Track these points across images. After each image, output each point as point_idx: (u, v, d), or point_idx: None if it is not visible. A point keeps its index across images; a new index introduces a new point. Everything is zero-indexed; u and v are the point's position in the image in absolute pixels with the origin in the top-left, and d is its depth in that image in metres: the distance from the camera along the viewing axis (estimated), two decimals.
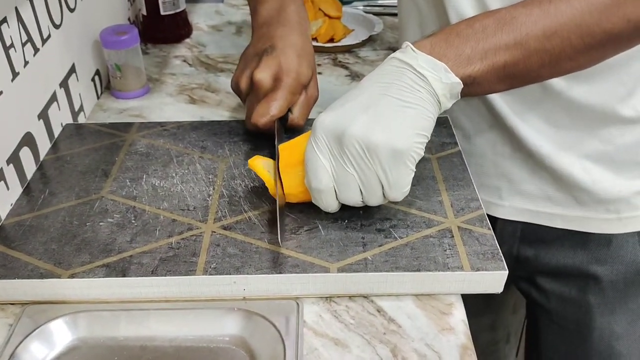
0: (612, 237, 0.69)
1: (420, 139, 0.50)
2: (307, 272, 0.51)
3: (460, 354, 0.48)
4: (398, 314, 0.51)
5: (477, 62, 0.51)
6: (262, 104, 0.64)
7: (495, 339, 1.00)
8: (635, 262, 0.70)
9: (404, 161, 0.50)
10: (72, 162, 0.66)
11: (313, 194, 0.54)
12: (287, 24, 0.68)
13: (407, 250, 0.53)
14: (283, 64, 0.64)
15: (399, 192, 0.52)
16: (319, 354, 0.48)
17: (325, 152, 0.51)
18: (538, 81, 0.58)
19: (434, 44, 0.51)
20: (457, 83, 0.50)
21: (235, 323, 0.50)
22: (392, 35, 1.04)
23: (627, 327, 0.73)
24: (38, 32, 0.67)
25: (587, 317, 0.73)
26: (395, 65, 0.52)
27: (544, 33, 0.51)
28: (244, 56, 0.69)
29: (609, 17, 0.50)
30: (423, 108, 0.50)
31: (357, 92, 0.52)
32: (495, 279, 0.52)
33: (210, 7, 1.16)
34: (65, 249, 0.54)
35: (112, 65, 0.82)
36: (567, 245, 0.71)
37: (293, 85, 0.65)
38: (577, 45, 0.51)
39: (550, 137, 0.66)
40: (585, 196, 0.68)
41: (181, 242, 0.54)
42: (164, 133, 0.71)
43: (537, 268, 0.74)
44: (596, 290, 0.72)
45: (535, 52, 0.51)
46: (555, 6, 0.51)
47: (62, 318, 0.50)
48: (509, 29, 0.51)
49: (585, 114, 0.64)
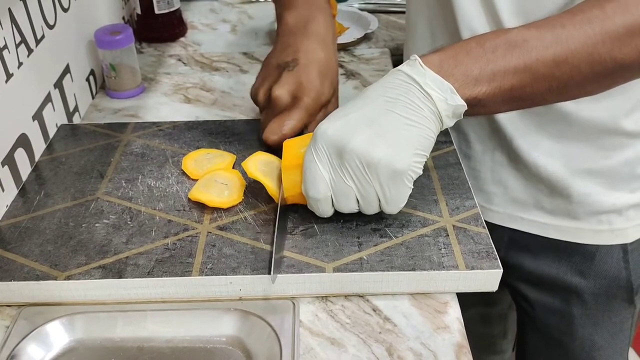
0: (596, 252, 0.69)
1: (420, 158, 0.50)
2: (302, 272, 0.51)
3: (455, 352, 0.48)
4: (393, 313, 0.51)
5: (485, 84, 0.50)
6: (276, 122, 0.62)
7: (491, 333, 1.01)
8: (619, 277, 0.70)
9: (402, 180, 0.50)
10: (68, 163, 0.66)
11: (309, 201, 0.54)
12: (313, 37, 0.65)
13: (402, 249, 0.53)
14: (304, 82, 0.62)
15: (396, 207, 0.52)
16: (315, 353, 0.48)
17: (325, 163, 0.51)
18: (542, 104, 0.57)
19: (442, 60, 0.50)
20: (462, 105, 0.50)
21: (231, 323, 0.51)
22: (387, 33, 1.04)
23: (608, 339, 0.74)
24: (32, 32, 0.67)
25: (570, 327, 0.74)
26: (402, 79, 0.51)
27: (554, 59, 0.49)
28: (266, 64, 0.67)
29: (622, 48, 0.49)
30: (425, 127, 0.50)
31: (361, 102, 0.51)
32: (490, 278, 0.52)
33: (205, 5, 1.16)
34: (61, 250, 0.54)
35: (107, 65, 0.82)
36: (551, 256, 0.71)
37: (311, 105, 0.62)
38: (586, 74, 0.50)
39: (548, 149, 0.65)
40: (578, 207, 0.68)
41: (177, 243, 0.55)
42: (160, 133, 0.71)
43: (522, 276, 0.75)
44: (579, 302, 0.72)
45: (544, 77, 0.50)
46: (567, 32, 0.49)
47: (59, 320, 0.51)
48: (519, 53, 0.50)
49: (587, 127, 0.63)
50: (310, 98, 0.62)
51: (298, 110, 0.62)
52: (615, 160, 0.65)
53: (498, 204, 0.72)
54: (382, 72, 0.91)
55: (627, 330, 0.75)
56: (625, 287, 0.71)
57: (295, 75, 0.63)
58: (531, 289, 0.75)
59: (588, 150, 0.65)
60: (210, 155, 0.65)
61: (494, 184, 0.71)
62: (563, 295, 0.73)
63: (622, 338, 0.75)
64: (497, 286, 0.53)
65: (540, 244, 0.71)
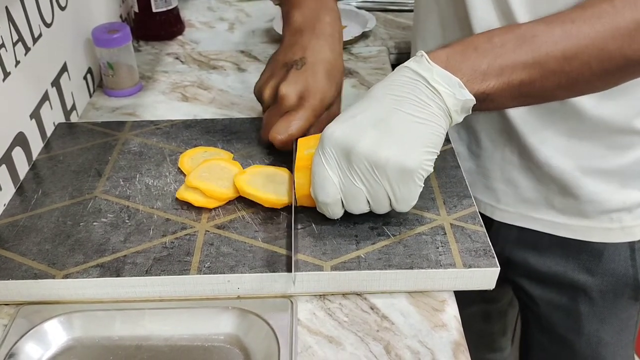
0: (604, 249, 0.69)
1: (430, 155, 0.50)
2: (300, 270, 0.51)
3: (453, 350, 0.48)
4: (391, 311, 0.52)
5: (493, 78, 0.49)
6: (283, 121, 0.62)
7: (491, 330, 1.01)
8: (626, 274, 0.70)
9: (413, 178, 0.49)
10: (65, 161, 0.66)
11: (319, 205, 0.53)
12: (321, 36, 0.64)
13: (400, 247, 0.53)
14: (311, 83, 0.62)
15: (406, 206, 0.52)
16: (313, 351, 0.48)
17: (334, 166, 0.50)
18: (551, 101, 0.56)
19: (450, 56, 0.50)
20: (471, 100, 0.49)
21: (229, 322, 0.51)
22: (385, 31, 1.04)
23: (614, 335, 0.74)
24: (29, 31, 0.67)
25: (576, 324, 0.74)
26: (409, 76, 0.50)
27: (564, 55, 0.49)
28: (271, 62, 0.66)
29: (632, 44, 0.49)
30: (434, 124, 0.49)
31: (367, 103, 0.51)
32: (487, 276, 0.52)
33: (203, 3, 1.16)
34: (59, 249, 0.54)
35: (104, 63, 0.82)
36: (559, 253, 0.71)
37: (317, 106, 0.62)
38: (596, 70, 0.50)
39: (559, 147, 0.65)
40: (589, 206, 0.67)
41: (175, 241, 0.55)
42: (157, 132, 0.71)
43: (527, 273, 0.75)
44: (586, 300, 0.72)
45: (553, 73, 0.50)
46: (577, 27, 0.49)
47: (57, 318, 0.51)
48: (528, 47, 0.49)
49: (598, 125, 0.63)
50: (317, 100, 0.62)
51: (305, 111, 0.61)
52: (626, 159, 0.65)
53: (507, 203, 0.71)
54: (380, 70, 0.91)
55: (632, 327, 0.76)
56: (632, 284, 0.71)
57: (302, 74, 0.62)
58: (536, 286, 0.75)
59: (599, 149, 0.65)
60: (208, 153, 0.65)
61: (503, 183, 0.70)
62: (570, 292, 0.73)
63: (627, 334, 0.75)
64: (495, 284, 0.53)
65: (548, 242, 0.71)
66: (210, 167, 0.61)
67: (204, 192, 0.58)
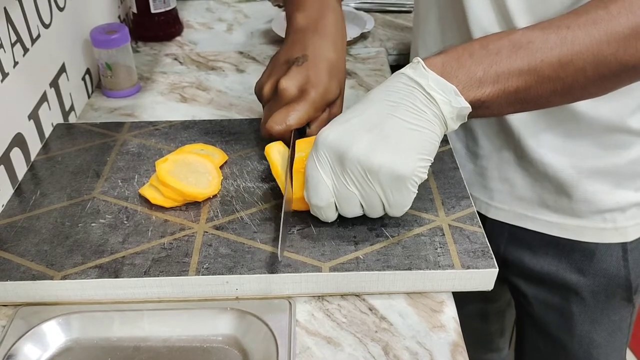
0: (595, 250, 0.70)
1: (424, 163, 0.50)
2: (299, 271, 0.51)
3: (451, 351, 0.48)
4: (389, 312, 0.52)
5: (489, 85, 0.49)
6: (281, 112, 0.61)
7: (489, 330, 1.01)
8: (618, 275, 0.70)
9: (406, 185, 0.49)
10: (64, 162, 0.66)
11: (312, 208, 0.53)
12: (323, 35, 0.64)
13: (398, 248, 0.53)
14: (312, 77, 0.61)
15: (399, 211, 0.52)
16: (311, 352, 0.48)
17: (327, 170, 0.50)
18: (547, 107, 0.57)
19: (445, 62, 0.50)
20: (466, 107, 0.49)
21: (228, 323, 0.51)
22: (383, 32, 1.04)
23: (607, 337, 0.74)
24: (27, 32, 0.67)
25: (568, 325, 0.74)
26: (405, 82, 0.50)
27: (559, 61, 0.49)
28: (273, 60, 0.66)
29: (627, 49, 0.49)
30: (429, 131, 0.49)
31: (363, 107, 0.51)
32: (486, 277, 0.52)
33: (201, 4, 1.16)
34: (57, 250, 0.54)
35: (103, 64, 0.82)
36: (551, 253, 0.72)
37: (318, 100, 0.61)
38: (591, 75, 0.50)
39: (555, 147, 0.65)
40: (583, 205, 0.68)
41: (173, 242, 0.55)
42: (156, 133, 0.71)
43: (521, 272, 0.75)
44: (578, 300, 0.72)
45: (549, 79, 0.50)
46: (573, 33, 0.49)
47: (55, 319, 0.51)
48: (523, 54, 0.49)
49: (593, 125, 0.63)
50: (318, 93, 0.61)
51: (304, 103, 0.61)
52: (621, 159, 0.65)
53: (502, 201, 0.72)
54: (379, 72, 0.91)
55: (625, 329, 0.76)
56: (624, 285, 0.71)
57: (303, 69, 0.61)
58: (530, 286, 0.75)
59: (594, 149, 0.65)
60: (205, 151, 0.65)
61: (499, 182, 0.71)
62: (562, 292, 0.73)
63: (620, 336, 0.75)
64: (493, 285, 0.53)
65: (541, 241, 0.71)
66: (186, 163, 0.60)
67: (174, 191, 0.57)
